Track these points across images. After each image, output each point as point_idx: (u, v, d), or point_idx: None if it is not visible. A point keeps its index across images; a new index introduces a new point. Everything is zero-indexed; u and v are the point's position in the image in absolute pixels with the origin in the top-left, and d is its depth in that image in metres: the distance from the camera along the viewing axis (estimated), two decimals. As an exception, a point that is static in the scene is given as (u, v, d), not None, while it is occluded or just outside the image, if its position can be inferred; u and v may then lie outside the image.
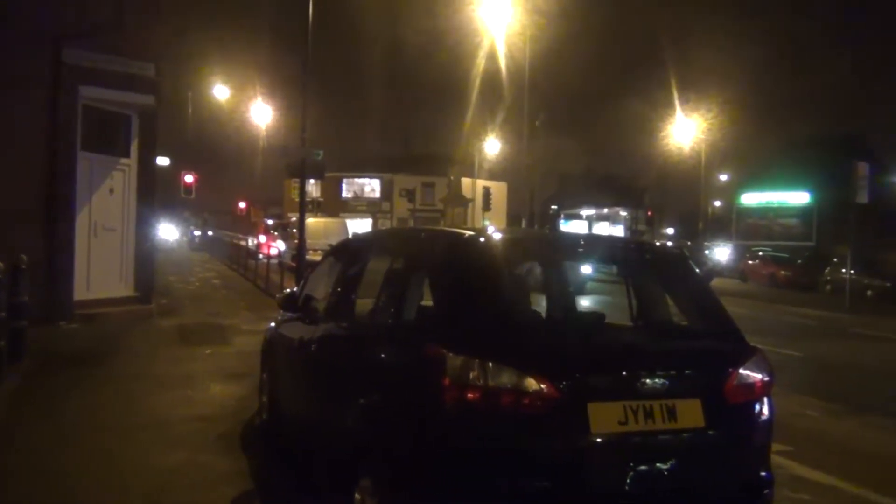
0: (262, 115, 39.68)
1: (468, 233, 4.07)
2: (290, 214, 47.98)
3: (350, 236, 16.74)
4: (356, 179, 65.44)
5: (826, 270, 30.46)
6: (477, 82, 36.12)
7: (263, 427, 6.20)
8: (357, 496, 3.75)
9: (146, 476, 5.07)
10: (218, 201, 76.51)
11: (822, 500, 5.28)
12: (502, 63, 28.10)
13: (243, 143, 41.20)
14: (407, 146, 68.61)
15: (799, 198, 46.21)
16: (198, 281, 21.55)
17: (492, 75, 32.57)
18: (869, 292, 26.14)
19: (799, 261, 34.83)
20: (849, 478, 5.68)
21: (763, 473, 3.66)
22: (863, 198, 22.33)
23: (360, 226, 47.06)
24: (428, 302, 4.08)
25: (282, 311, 6.11)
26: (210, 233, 47.56)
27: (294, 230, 22.84)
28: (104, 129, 12.43)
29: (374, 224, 56.18)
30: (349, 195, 65.43)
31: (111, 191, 12.59)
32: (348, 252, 5.47)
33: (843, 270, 26.39)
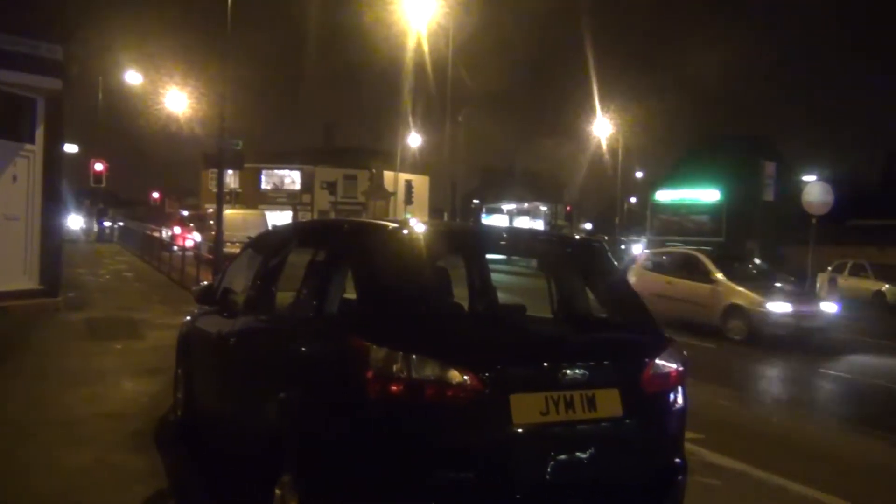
0: (177, 102, 38.41)
1: (392, 225, 4.05)
2: (207, 206, 46.75)
3: (270, 228, 16.44)
4: (276, 171, 64.21)
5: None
6: (400, 76, 35.98)
7: (179, 424, 6.03)
8: (277, 492, 3.69)
9: (54, 476, 4.86)
10: (131, 191, 74.12)
11: (732, 485, 5.50)
12: (427, 57, 28.13)
13: (158, 131, 39.73)
14: (328, 138, 67.80)
15: (710, 195, 47.81)
16: (108, 273, 20.77)
17: (416, 69, 32.55)
18: (774, 286, 27.28)
19: (709, 255, 36.10)
20: (757, 463, 5.93)
21: (677, 460, 3.78)
22: (769, 195, 23.41)
23: (279, 218, 46.20)
24: (351, 295, 4.04)
25: (198, 305, 5.95)
26: (121, 224, 45.80)
27: (211, 221, 22.26)
28: (7, 113, 11.81)
29: (295, 216, 55.29)
30: (269, 187, 64.18)
31: (14, 178, 11.99)
32: (268, 244, 5.36)
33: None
